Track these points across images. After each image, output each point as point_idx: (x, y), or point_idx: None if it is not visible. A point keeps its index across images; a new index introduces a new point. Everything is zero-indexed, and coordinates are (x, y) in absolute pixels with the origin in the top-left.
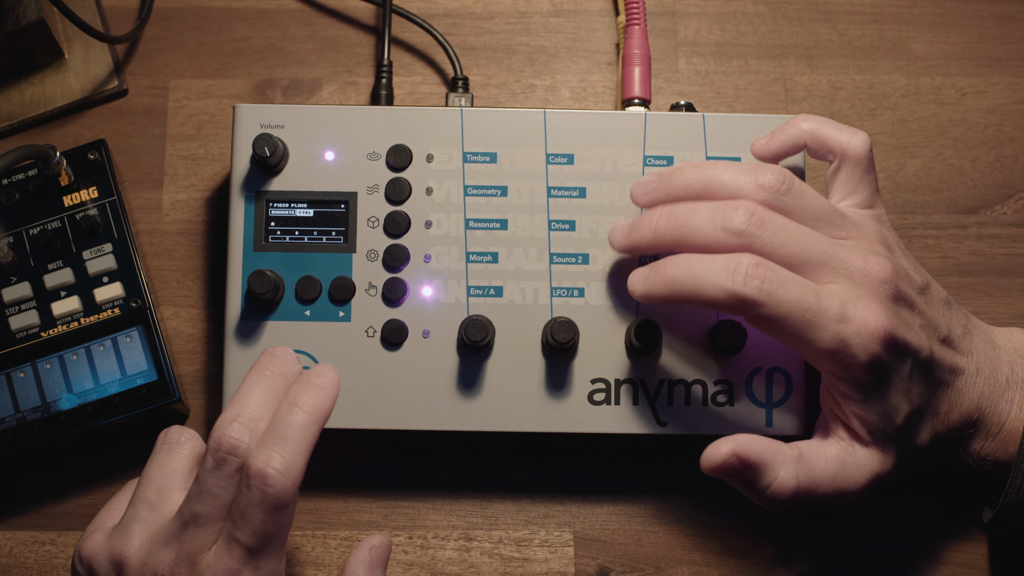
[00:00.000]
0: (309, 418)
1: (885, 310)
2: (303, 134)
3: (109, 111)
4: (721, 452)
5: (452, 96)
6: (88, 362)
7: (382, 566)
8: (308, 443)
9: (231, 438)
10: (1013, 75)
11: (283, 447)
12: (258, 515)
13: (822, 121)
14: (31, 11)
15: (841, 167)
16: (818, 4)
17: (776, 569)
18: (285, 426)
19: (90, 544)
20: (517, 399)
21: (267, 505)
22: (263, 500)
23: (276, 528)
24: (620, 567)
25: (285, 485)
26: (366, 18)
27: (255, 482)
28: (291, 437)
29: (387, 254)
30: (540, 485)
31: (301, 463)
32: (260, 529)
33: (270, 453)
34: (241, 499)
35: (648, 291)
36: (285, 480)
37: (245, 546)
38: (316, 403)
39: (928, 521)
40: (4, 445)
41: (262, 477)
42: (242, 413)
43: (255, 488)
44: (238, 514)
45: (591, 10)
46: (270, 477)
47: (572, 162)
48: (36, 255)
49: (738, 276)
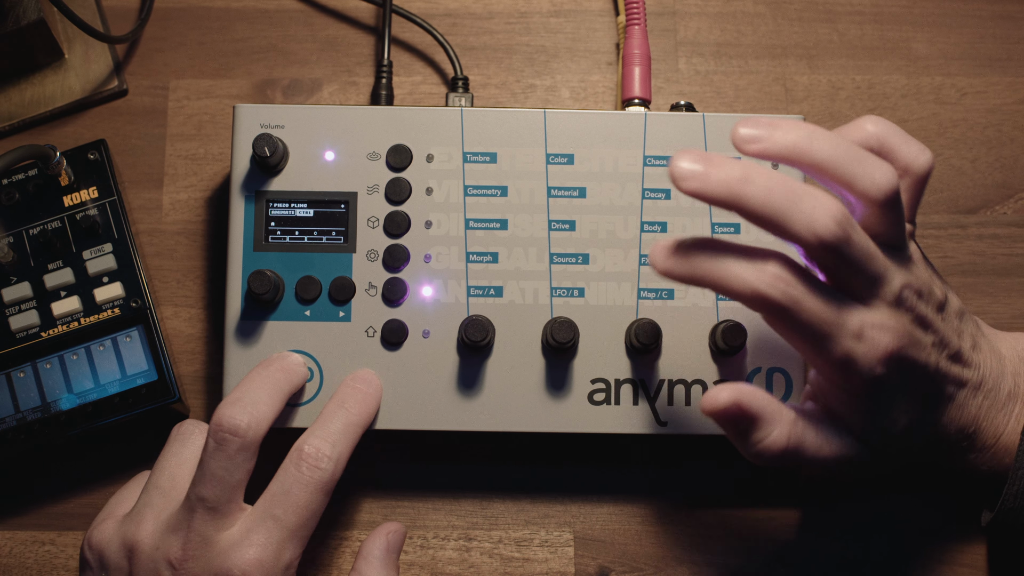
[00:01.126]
0: (356, 419)
1: (901, 333)
2: (303, 134)
3: (109, 111)
4: (722, 397)
5: (452, 96)
6: (88, 362)
7: (396, 552)
8: (352, 441)
9: (231, 418)
10: (1013, 75)
11: (334, 439)
12: (303, 494)
13: (891, 128)
14: (31, 11)
15: (900, 181)
16: (818, 4)
17: (776, 569)
18: (334, 421)
19: (101, 532)
20: (517, 399)
21: (314, 485)
22: (311, 480)
23: (313, 512)
24: (620, 567)
25: (333, 472)
26: (366, 18)
27: (308, 463)
28: (339, 432)
29: (387, 254)
30: (540, 485)
31: (346, 457)
32: (301, 508)
33: (322, 441)
34: (287, 478)
35: (670, 269)
36: (334, 468)
37: (281, 522)
38: (362, 406)
39: (929, 521)
40: (4, 445)
41: (316, 459)
42: (242, 397)
43: (306, 469)
44: (281, 492)
45: (591, 10)
46: (324, 460)
47: (572, 162)
48: (36, 255)
49: (765, 276)
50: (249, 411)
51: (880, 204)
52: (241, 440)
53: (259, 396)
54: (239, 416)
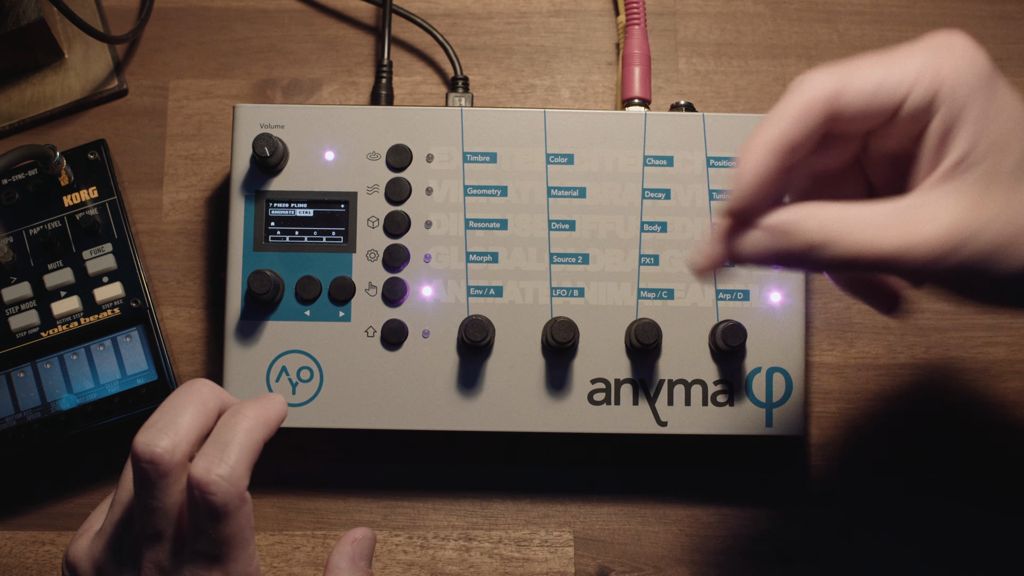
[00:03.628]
0: (253, 423)
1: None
2: (303, 134)
3: (109, 111)
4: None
5: (452, 96)
6: (88, 362)
7: (366, 559)
8: (252, 448)
9: (145, 445)
10: (1013, 75)
11: (225, 452)
12: (208, 524)
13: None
14: (31, 11)
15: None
16: (818, 4)
17: (776, 569)
18: (227, 432)
19: (75, 549)
20: (517, 399)
21: (215, 513)
22: (210, 508)
23: (232, 533)
24: (620, 567)
25: (229, 491)
26: (366, 18)
27: (197, 492)
28: (234, 442)
29: (387, 254)
30: (540, 485)
31: (245, 467)
32: (218, 539)
33: (211, 460)
34: (192, 512)
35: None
36: (229, 486)
37: (208, 555)
38: (260, 412)
39: (934, 521)
40: (4, 445)
41: (205, 485)
42: (159, 420)
43: (199, 498)
44: (194, 528)
45: (591, 10)
46: (212, 484)
47: (572, 162)
48: (36, 255)
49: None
50: (169, 434)
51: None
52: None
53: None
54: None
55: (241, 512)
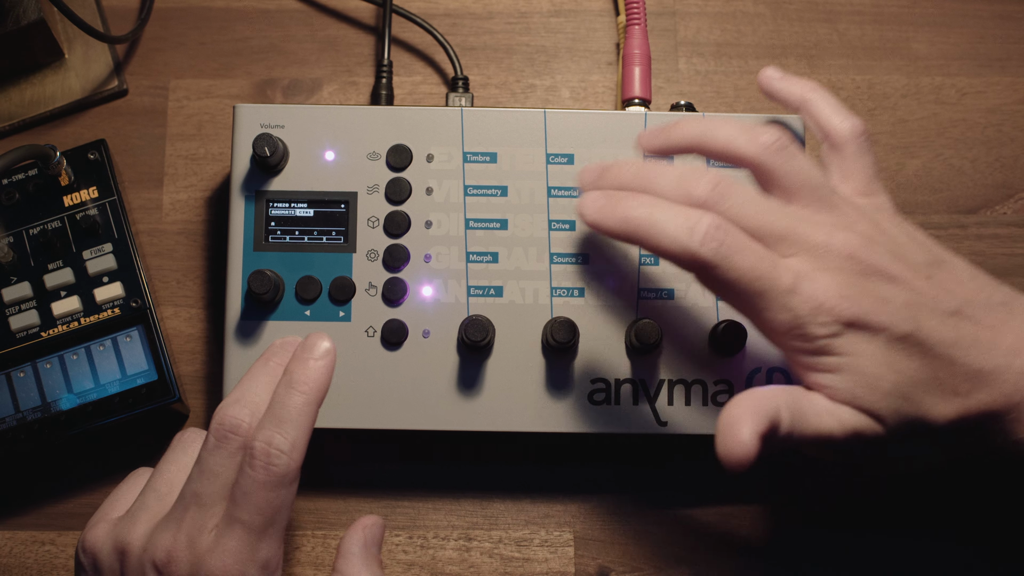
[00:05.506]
0: (307, 398)
1: (842, 285)
2: (303, 134)
3: (109, 111)
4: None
5: (452, 96)
6: (88, 362)
7: (376, 545)
8: (308, 422)
9: (232, 417)
10: (1013, 75)
11: (284, 427)
12: (261, 494)
13: (823, 96)
14: (31, 11)
15: (829, 150)
16: (818, 4)
17: (777, 569)
18: (284, 408)
19: (95, 534)
20: (517, 399)
21: (271, 483)
22: (267, 479)
23: (278, 508)
24: (620, 567)
25: (289, 464)
26: (366, 18)
27: (259, 461)
28: (291, 419)
29: (387, 254)
30: (540, 485)
31: (303, 442)
32: (263, 508)
33: (272, 433)
34: (244, 479)
35: (599, 221)
36: (289, 459)
37: (247, 525)
38: (313, 381)
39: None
40: (4, 445)
41: (266, 456)
42: (243, 397)
43: (259, 467)
44: (241, 494)
45: (591, 10)
46: (274, 456)
47: (572, 162)
48: (36, 255)
49: (696, 235)
50: (250, 410)
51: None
52: (242, 439)
53: (262, 397)
54: (240, 415)
55: (292, 488)
